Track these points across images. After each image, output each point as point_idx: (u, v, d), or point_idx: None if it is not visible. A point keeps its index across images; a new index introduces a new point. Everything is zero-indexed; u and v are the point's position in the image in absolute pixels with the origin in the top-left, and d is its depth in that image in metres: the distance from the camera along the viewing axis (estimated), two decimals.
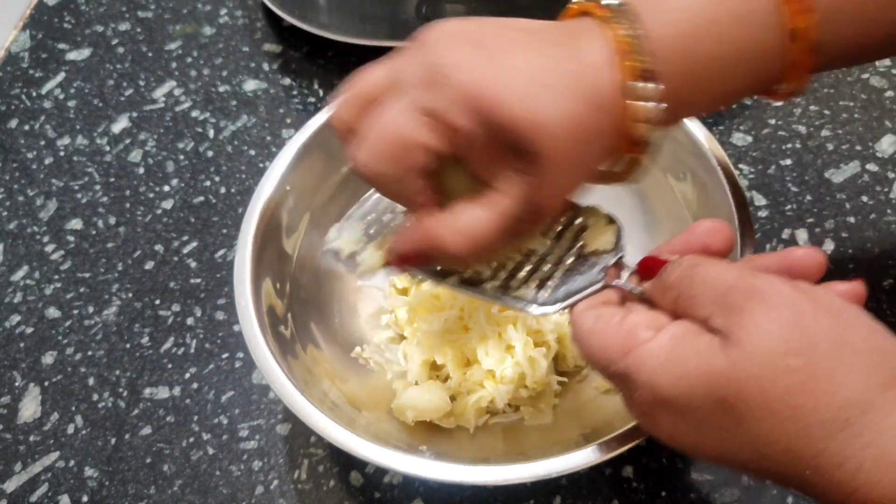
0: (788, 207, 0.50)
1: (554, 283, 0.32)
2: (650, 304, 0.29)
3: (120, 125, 0.60)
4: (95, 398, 0.47)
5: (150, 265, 0.52)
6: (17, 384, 0.48)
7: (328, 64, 0.61)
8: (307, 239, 0.44)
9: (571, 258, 0.32)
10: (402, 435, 0.39)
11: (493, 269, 0.33)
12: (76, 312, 0.51)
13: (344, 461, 0.43)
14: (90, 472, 0.44)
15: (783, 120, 0.54)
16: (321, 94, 0.60)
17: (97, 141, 0.59)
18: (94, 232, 0.54)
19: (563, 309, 0.31)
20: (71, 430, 0.46)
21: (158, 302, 0.50)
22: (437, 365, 0.41)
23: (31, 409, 0.47)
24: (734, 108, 0.56)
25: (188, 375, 0.47)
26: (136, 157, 0.58)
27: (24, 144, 0.60)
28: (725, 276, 0.26)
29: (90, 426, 0.46)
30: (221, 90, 0.61)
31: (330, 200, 0.45)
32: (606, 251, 0.32)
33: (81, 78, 0.63)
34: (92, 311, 0.51)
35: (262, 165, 0.56)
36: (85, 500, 0.43)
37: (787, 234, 0.49)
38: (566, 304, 0.31)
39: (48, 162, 0.59)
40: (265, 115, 0.59)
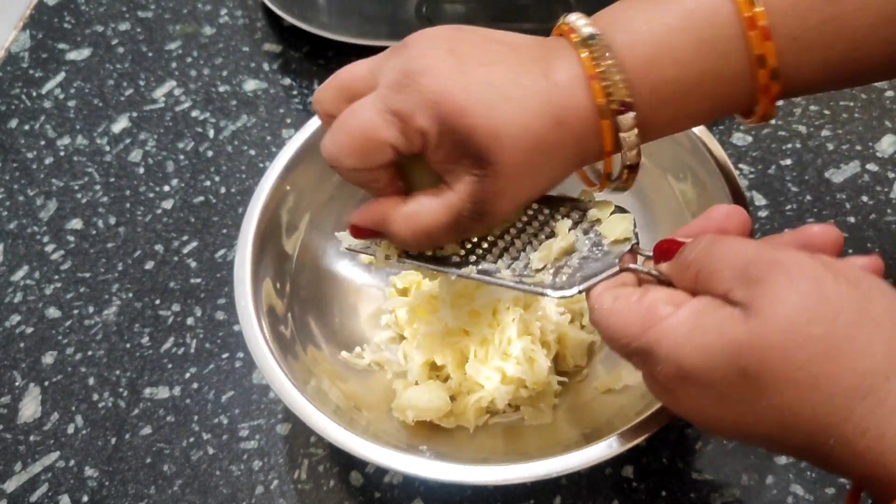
0: (788, 207, 0.50)
1: (570, 269, 0.33)
2: (667, 285, 0.30)
3: (120, 125, 0.60)
4: (95, 398, 0.47)
5: (150, 265, 0.52)
6: (17, 384, 0.48)
7: (328, 64, 0.61)
8: (307, 239, 0.44)
9: (587, 246, 0.33)
10: (402, 435, 0.39)
11: (512, 258, 0.34)
12: (76, 312, 0.51)
13: (344, 461, 0.43)
14: (90, 472, 0.44)
15: (783, 120, 0.54)
16: None
17: (97, 141, 0.59)
18: (94, 232, 0.54)
19: (580, 292, 0.32)
20: (71, 430, 0.46)
21: (158, 302, 0.50)
22: (437, 365, 0.41)
23: (31, 409, 0.47)
24: None
25: (188, 375, 0.47)
26: (136, 157, 0.58)
27: (24, 144, 0.60)
28: (745, 250, 0.27)
29: (90, 426, 0.46)
30: (221, 90, 0.61)
31: (330, 200, 0.45)
32: (623, 240, 0.32)
33: (81, 78, 0.63)
34: (92, 311, 0.51)
35: (262, 165, 0.56)
36: (85, 500, 0.43)
37: None
38: (583, 287, 0.32)
39: (48, 162, 0.59)
40: (265, 115, 0.59)
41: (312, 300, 0.44)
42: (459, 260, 0.34)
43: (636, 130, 0.30)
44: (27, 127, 0.61)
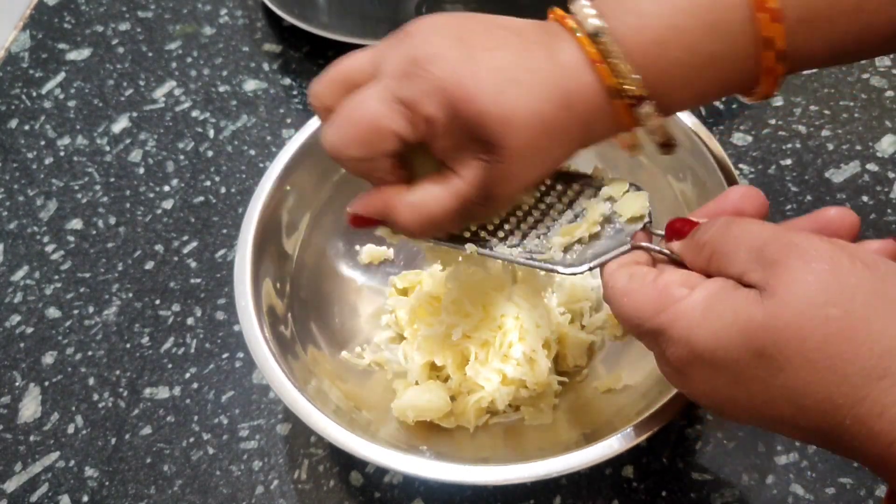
0: (788, 207, 0.50)
1: (581, 246, 0.33)
2: (679, 265, 0.30)
3: (120, 125, 0.60)
4: (95, 398, 0.47)
5: (150, 265, 0.52)
6: (17, 384, 0.48)
7: (328, 64, 0.61)
8: (307, 239, 0.44)
9: (599, 223, 0.33)
10: (402, 435, 0.39)
11: (522, 235, 0.34)
12: (76, 312, 0.51)
13: (344, 461, 0.43)
14: (90, 472, 0.44)
15: (783, 120, 0.54)
16: None
17: (97, 141, 0.59)
18: (94, 232, 0.54)
19: (591, 269, 0.32)
20: (71, 430, 0.46)
21: (158, 302, 0.50)
22: (437, 365, 0.41)
23: (31, 409, 0.47)
24: (734, 107, 0.56)
25: (188, 375, 0.47)
26: (136, 157, 0.58)
27: (24, 144, 0.60)
28: (761, 232, 0.27)
29: (90, 426, 0.46)
30: (221, 90, 0.61)
31: (330, 200, 0.45)
32: (638, 217, 0.32)
33: (81, 78, 0.63)
34: (92, 311, 0.51)
35: (262, 165, 0.56)
36: (85, 500, 0.43)
37: None
38: (595, 263, 0.31)
39: (48, 162, 0.59)
40: (265, 115, 0.59)
41: (312, 300, 0.44)
42: (469, 237, 0.34)
43: (656, 114, 0.30)
44: (27, 127, 0.61)
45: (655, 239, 0.32)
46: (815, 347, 0.24)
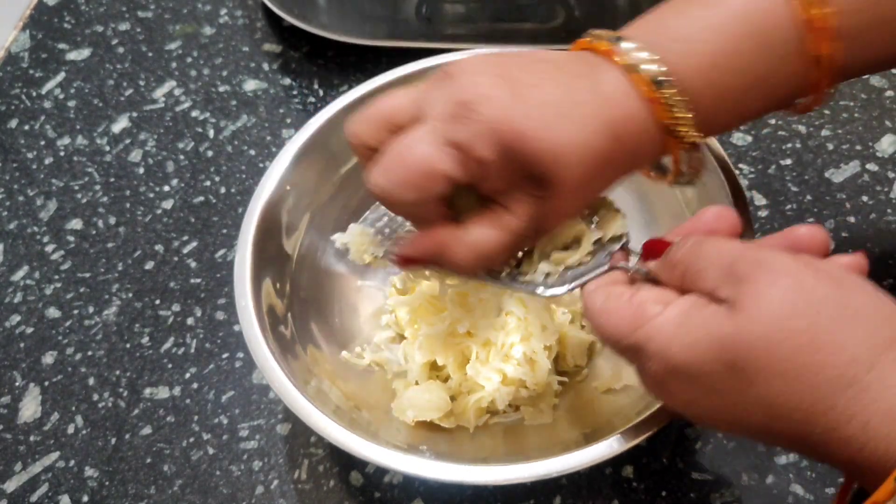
0: (788, 207, 0.50)
1: (560, 268, 0.33)
2: (656, 283, 0.30)
3: (120, 125, 0.60)
4: (95, 398, 0.47)
5: (150, 265, 0.52)
6: (17, 384, 0.48)
7: (328, 64, 0.61)
8: (307, 239, 0.44)
9: (591, 252, 0.33)
10: (402, 435, 0.39)
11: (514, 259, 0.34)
12: (76, 312, 0.51)
13: (344, 461, 0.43)
14: (90, 472, 0.44)
15: (783, 120, 0.54)
16: (321, 94, 0.60)
17: (97, 141, 0.59)
18: (94, 232, 0.54)
19: (571, 290, 0.32)
20: (71, 430, 0.46)
21: (158, 302, 0.50)
22: (437, 365, 0.41)
23: (31, 409, 0.47)
24: None
25: (188, 375, 0.47)
26: (136, 157, 0.58)
27: (24, 144, 0.60)
28: (731, 250, 0.27)
29: (90, 426, 0.46)
30: (221, 90, 0.61)
31: (330, 200, 0.45)
32: (616, 238, 0.33)
33: (81, 78, 0.63)
34: (92, 311, 0.51)
35: (262, 165, 0.56)
36: (85, 500, 0.43)
37: None
38: (574, 285, 0.32)
39: (48, 162, 0.59)
40: (265, 115, 0.59)
41: (312, 300, 0.44)
42: None
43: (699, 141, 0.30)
44: (27, 127, 0.61)
45: (633, 258, 0.32)
46: (783, 359, 0.24)
